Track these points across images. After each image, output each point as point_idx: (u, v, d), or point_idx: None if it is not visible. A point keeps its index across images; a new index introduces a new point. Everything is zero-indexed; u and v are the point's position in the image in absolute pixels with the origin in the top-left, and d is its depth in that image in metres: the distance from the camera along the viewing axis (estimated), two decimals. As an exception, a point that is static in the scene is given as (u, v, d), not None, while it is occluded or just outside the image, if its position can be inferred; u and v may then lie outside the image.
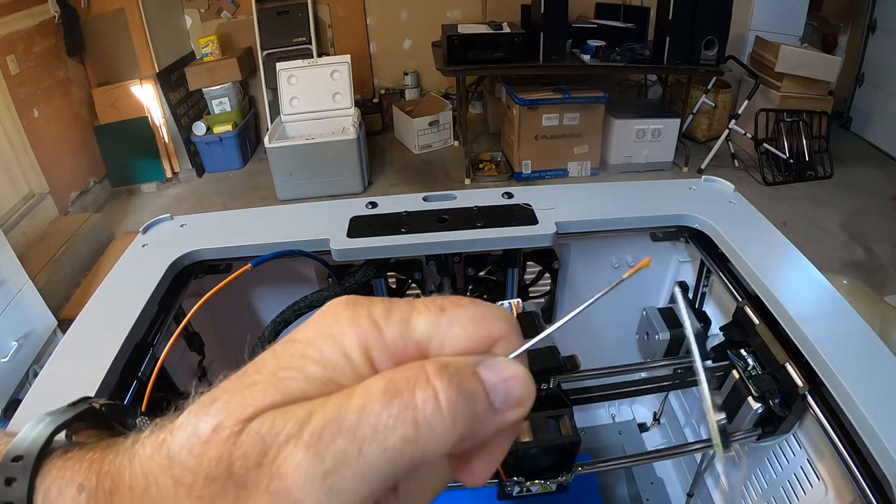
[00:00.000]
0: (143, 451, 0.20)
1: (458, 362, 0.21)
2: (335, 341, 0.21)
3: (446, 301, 0.23)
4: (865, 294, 1.95)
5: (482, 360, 0.21)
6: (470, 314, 0.23)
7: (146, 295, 0.86)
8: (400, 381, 0.19)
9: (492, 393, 0.21)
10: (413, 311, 0.22)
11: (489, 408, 0.21)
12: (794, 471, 0.84)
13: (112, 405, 0.28)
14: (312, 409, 0.19)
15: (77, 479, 0.21)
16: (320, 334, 0.21)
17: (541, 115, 3.49)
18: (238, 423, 0.19)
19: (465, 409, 0.20)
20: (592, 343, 1.26)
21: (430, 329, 0.22)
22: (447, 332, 0.22)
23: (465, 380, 0.20)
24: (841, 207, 3.37)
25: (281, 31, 4.13)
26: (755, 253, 0.91)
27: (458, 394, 0.20)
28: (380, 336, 0.21)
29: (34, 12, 3.25)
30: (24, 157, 3.08)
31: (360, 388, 0.19)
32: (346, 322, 0.21)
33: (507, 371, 0.21)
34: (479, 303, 0.23)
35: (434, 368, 0.20)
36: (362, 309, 0.22)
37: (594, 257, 1.20)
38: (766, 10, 3.95)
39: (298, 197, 3.51)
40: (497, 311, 0.23)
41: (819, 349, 0.71)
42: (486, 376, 0.21)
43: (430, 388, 0.19)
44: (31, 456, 0.22)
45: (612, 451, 1.37)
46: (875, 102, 4.19)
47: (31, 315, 2.20)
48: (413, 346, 0.21)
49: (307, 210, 1.08)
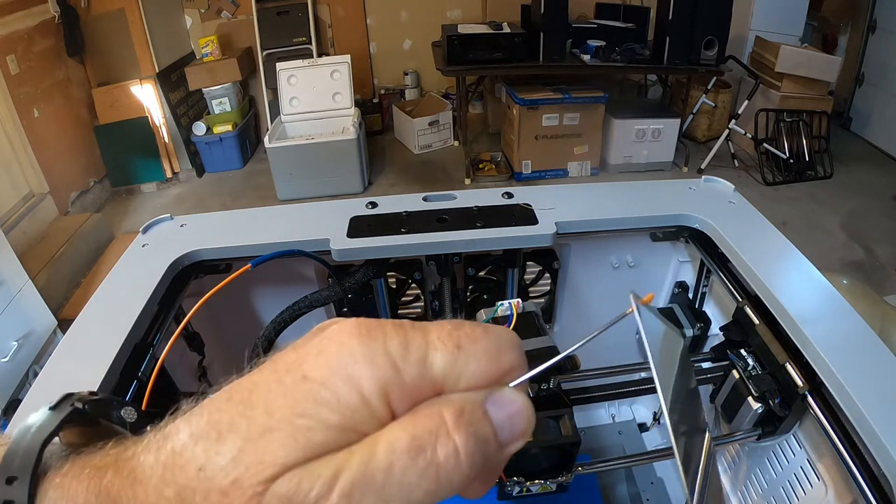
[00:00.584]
0: (145, 477, 0.20)
1: (471, 405, 0.21)
2: (352, 383, 0.20)
3: (461, 335, 0.22)
4: (865, 294, 1.95)
5: (489, 396, 0.22)
6: (486, 350, 0.22)
7: (146, 295, 0.86)
8: (422, 436, 0.20)
9: (499, 432, 0.21)
10: (429, 348, 0.22)
11: (497, 447, 0.22)
12: (794, 471, 0.84)
13: (95, 402, 0.27)
14: (339, 468, 0.19)
15: (77, 501, 0.21)
16: (335, 375, 0.20)
17: (541, 115, 3.49)
18: (261, 482, 0.19)
19: (478, 454, 0.21)
20: (592, 343, 1.26)
21: (446, 368, 0.21)
22: (463, 369, 0.22)
23: (479, 426, 0.21)
24: (841, 207, 3.37)
25: (281, 31, 4.13)
26: (755, 253, 0.90)
27: (473, 443, 0.20)
28: (398, 377, 0.21)
29: (34, 12, 3.25)
30: (24, 157, 3.08)
31: (384, 442, 0.20)
32: (363, 361, 0.20)
33: (513, 406, 0.22)
34: (492, 334, 0.23)
35: (452, 419, 0.20)
36: (378, 345, 0.21)
37: (594, 257, 1.20)
38: (766, 10, 3.95)
39: (298, 197, 3.51)
40: (509, 341, 0.23)
41: (819, 349, 0.71)
42: (494, 415, 0.21)
43: (450, 443, 0.20)
44: (26, 476, 0.21)
45: (612, 451, 1.37)
46: (875, 102, 4.19)
47: (31, 315, 2.20)
48: (429, 384, 0.21)
49: (307, 210, 1.08)
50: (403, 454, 0.19)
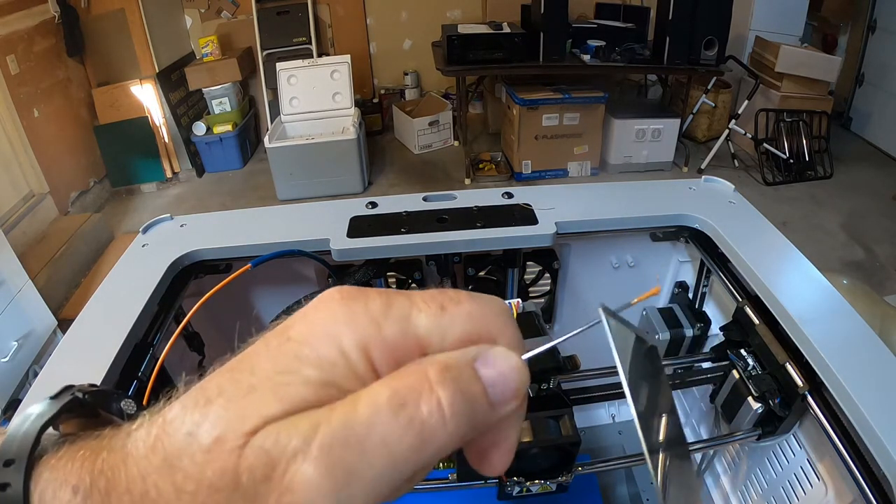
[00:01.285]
0: (137, 450, 0.20)
1: (458, 362, 0.21)
2: (332, 340, 0.20)
3: (445, 298, 0.22)
4: (865, 294, 1.95)
5: (479, 354, 0.21)
6: (469, 312, 0.22)
7: (146, 295, 0.86)
8: (404, 391, 0.19)
9: (490, 390, 0.21)
10: (413, 307, 0.22)
11: (488, 406, 0.21)
12: (794, 471, 0.84)
13: (95, 392, 0.27)
14: (318, 422, 0.19)
15: (71, 481, 0.21)
16: (316, 332, 0.21)
17: (541, 115, 3.49)
18: (241, 435, 0.19)
19: (467, 412, 0.20)
20: (592, 343, 1.26)
21: (430, 327, 0.21)
22: (447, 330, 0.22)
23: (466, 383, 0.20)
24: (841, 207, 3.37)
25: (281, 31, 4.13)
26: (755, 253, 0.90)
27: (460, 400, 0.20)
28: (378, 334, 0.21)
29: (34, 12, 3.25)
30: (24, 157, 3.08)
31: (365, 397, 0.19)
32: (343, 319, 0.21)
33: (504, 364, 0.21)
34: (477, 298, 0.23)
35: (436, 374, 0.20)
36: (359, 305, 0.21)
37: (594, 257, 1.20)
38: (766, 10, 3.95)
39: (298, 197, 3.50)
40: (494, 306, 0.23)
41: (819, 349, 0.71)
42: (483, 373, 0.21)
43: (433, 398, 0.19)
44: (23, 459, 0.21)
45: (612, 451, 1.37)
46: (875, 102, 4.19)
47: (31, 315, 2.20)
48: (413, 344, 0.21)
49: (307, 210, 1.08)
50: (384, 408, 0.19)
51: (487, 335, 0.22)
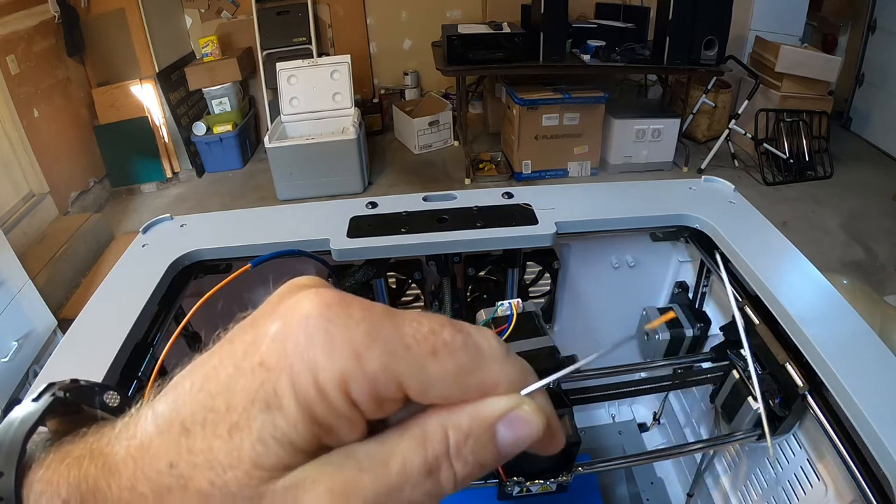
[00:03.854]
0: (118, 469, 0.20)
1: (479, 428, 0.21)
2: (309, 373, 0.19)
3: (438, 341, 0.20)
4: (865, 294, 1.95)
5: (504, 412, 0.21)
6: (461, 366, 0.21)
7: (146, 295, 0.86)
8: (432, 461, 0.20)
9: (501, 451, 0.21)
10: (399, 344, 0.20)
11: (494, 462, 0.22)
12: (794, 471, 0.84)
13: (76, 389, 0.27)
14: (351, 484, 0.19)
15: (61, 494, 0.21)
16: (292, 362, 0.19)
17: (541, 115, 3.49)
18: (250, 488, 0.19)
19: (474, 477, 0.21)
20: (592, 343, 1.26)
21: (414, 373, 0.20)
22: (434, 379, 0.20)
23: (482, 453, 0.21)
24: (841, 207, 3.37)
25: (281, 31, 4.13)
26: (755, 253, 0.90)
27: (472, 470, 0.21)
28: (359, 370, 0.19)
29: (34, 12, 3.25)
30: (24, 157, 3.08)
31: (396, 462, 0.20)
32: (321, 349, 0.19)
33: (525, 429, 0.21)
34: (473, 347, 0.21)
35: (455, 445, 0.21)
36: (339, 331, 0.20)
37: (594, 257, 1.20)
38: (766, 10, 3.95)
39: (298, 197, 3.50)
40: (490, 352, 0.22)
41: (819, 349, 0.71)
42: (502, 436, 0.21)
43: (451, 471, 0.20)
44: (11, 470, 0.21)
45: (612, 451, 1.37)
46: (875, 102, 4.19)
47: (31, 315, 2.20)
48: (394, 384, 0.20)
49: (307, 210, 1.08)
50: (414, 476, 0.20)
51: (480, 391, 0.21)
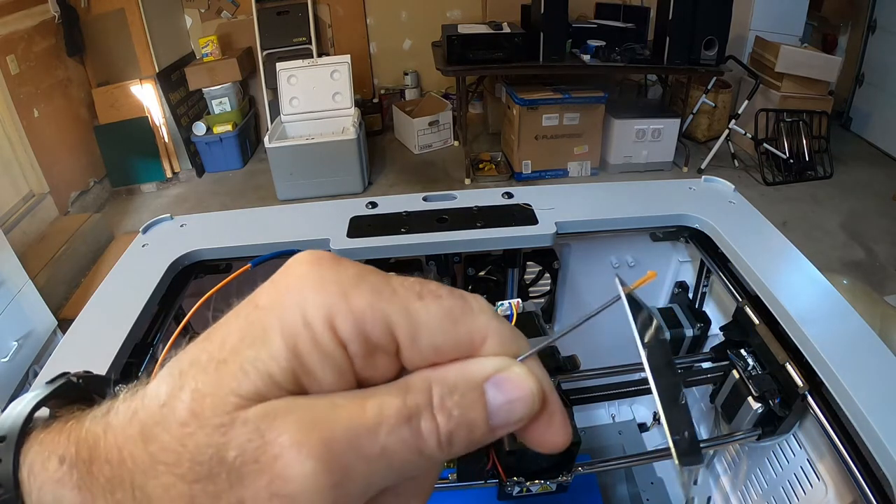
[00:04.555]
0: (116, 420, 0.20)
1: (466, 384, 0.20)
2: (297, 308, 0.20)
3: (424, 289, 0.21)
4: (865, 294, 1.95)
5: (493, 373, 0.21)
6: (448, 309, 0.21)
7: (146, 295, 0.86)
8: (411, 407, 0.20)
9: (493, 416, 0.21)
10: (386, 287, 0.21)
11: (487, 431, 0.21)
12: (794, 471, 0.84)
13: (90, 377, 0.27)
14: (320, 417, 0.19)
15: (58, 451, 0.21)
16: (282, 300, 0.20)
17: (541, 115, 3.49)
18: (223, 413, 0.19)
19: (462, 438, 0.20)
20: (592, 343, 1.26)
21: (401, 312, 0.20)
22: (423, 323, 0.20)
23: (468, 409, 0.20)
24: (841, 207, 3.37)
25: (281, 31, 4.13)
26: (755, 253, 0.90)
27: (458, 427, 0.20)
28: (345, 304, 0.20)
29: (34, 12, 3.25)
30: (24, 157, 3.08)
31: (373, 403, 0.19)
32: (311, 285, 0.20)
33: (516, 391, 0.21)
34: (459, 297, 0.22)
35: (439, 396, 0.20)
36: (329, 271, 0.21)
37: (594, 257, 1.20)
38: (766, 10, 3.95)
39: (298, 197, 3.50)
40: (477, 303, 0.22)
41: (819, 349, 0.71)
42: (491, 398, 0.21)
43: (433, 421, 0.20)
44: (14, 435, 0.22)
45: (612, 451, 1.37)
46: (875, 102, 4.19)
47: (31, 315, 2.20)
48: (381, 322, 0.20)
49: (307, 210, 1.08)
50: (391, 419, 0.19)
51: (468, 338, 0.21)
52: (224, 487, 0.18)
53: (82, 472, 0.20)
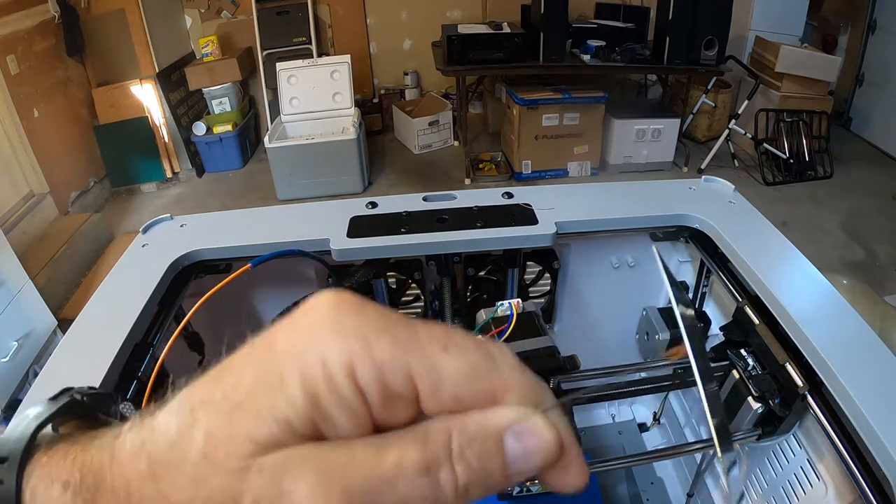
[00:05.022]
0: (122, 450, 0.20)
1: (485, 433, 0.20)
2: (316, 354, 0.19)
3: (451, 341, 0.21)
4: (865, 294, 1.95)
5: (512, 423, 0.20)
6: (473, 365, 0.21)
7: (146, 295, 0.86)
8: (430, 458, 0.19)
9: (510, 466, 0.20)
10: (410, 338, 0.20)
11: (503, 479, 0.21)
12: (794, 471, 0.84)
13: (94, 395, 0.27)
14: (338, 467, 0.19)
15: (62, 477, 0.21)
16: (301, 344, 0.20)
17: (541, 115, 3.49)
18: (240, 458, 0.19)
19: (479, 487, 0.20)
20: (592, 343, 1.26)
21: (424, 365, 0.20)
22: (446, 377, 0.20)
23: (487, 460, 0.20)
24: (841, 207, 3.37)
25: (281, 31, 4.13)
26: (755, 253, 0.90)
27: (476, 478, 0.20)
28: (368, 355, 0.19)
29: (34, 12, 3.25)
30: (24, 157, 3.08)
31: (392, 453, 0.19)
32: (331, 333, 0.20)
33: (534, 442, 0.20)
34: (486, 349, 0.21)
35: (458, 446, 0.20)
36: (351, 319, 0.20)
37: (594, 257, 1.20)
38: (766, 10, 3.95)
39: (298, 197, 3.50)
40: (503, 358, 0.22)
41: (819, 349, 0.71)
42: (509, 448, 0.20)
43: (452, 473, 0.19)
44: (16, 456, 0.22)
45: (612, 451, 1.37)
46: (875, 102, 4.19)
47: (31, 315, 2.20)
48: (402, 374, 0.20)
49: (307, 210, 1.08)
50: (410, 471, 0.19)
51: (490, 393, 0.21)
52: None
53: (86, 501, 0.20)
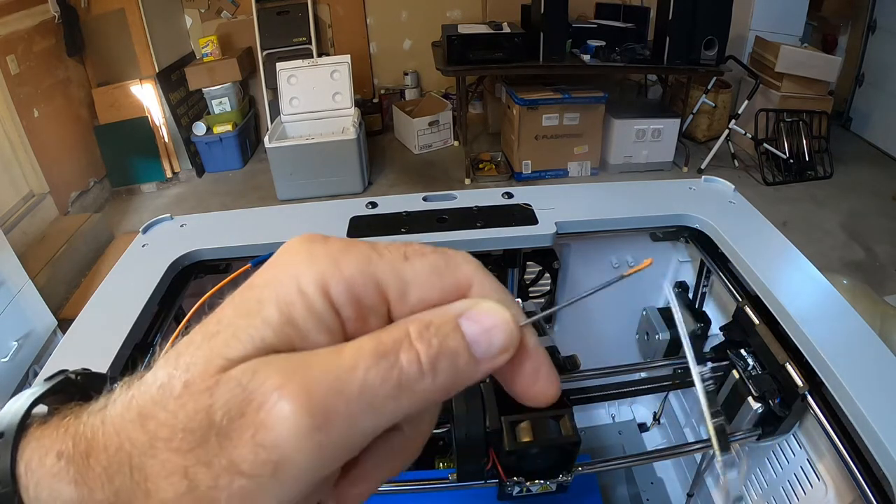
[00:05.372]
0: (114, 409, 0.20)
1: (440, 319, 0.21)
2: (291, 279, 0.21)
3: (409, 249, 0.22)
4: (865, 294, 1.95)
5: (465, 310, 0.21)
6: (433, 264, 0.22)
7: (146, 295, 0.86)
8: (387, 343, 0.20)
9: (473, 346, 0.21)
10: (373, 252, 0.22)
11: (471, 360, 0.21)
12: (794, 471, 0.84)
13: (88, 374, 0.28)
14: (299, 363, 0.19)
15: (55, 447, 0.21)
16: (276, 275, 0.21)
17: (541, 115, 3.49)
18: (210, 376, 0.19)
19: (446, 367, 0.20)
20: (592, 343, 1.26)
21: (389, 273, 0.21)
22: (409, 280, 0.22)
23: (446, 338, 0.21)
24: (841, 207, 3.37)
25: (281, 31, 4.13)
26: (755, 253, 0.91)
27: (438, 354, 0.20)
28: (337, 271, 0.21)
29: (34, 12, 3.25)
30: (24, 157, 3.08)
31: (350, 346, 0.20)
32: (303, 259, 0.21)
33: (489, 320, 0.21)
34: (443, 251, 0.23)
35: (416, 330, 0.20)
36: (319, 246, 0.22)
37: (594, 257, 1.20)
38: (766, 10, 3.95)
39: (298, 197, 3.50)
40: (460, 256, 0.23)
41: (819, 349, 0.71)
42: (467, 329, 0.21)
43: (412, 351, 0.20)
44: (11, 431, 0.22)
45: (612, 451, 1.37)
46: (875, 102, 4.19)
47: (31, 315, 2.20)
48: (372, 285, 0.21)
49: (307, 210, 1.08)
50: (367, 356, 0.19)
51: (455, 287, 0.22)
52: (214, 452, 0.18)
53: (80, 466, 0.20)
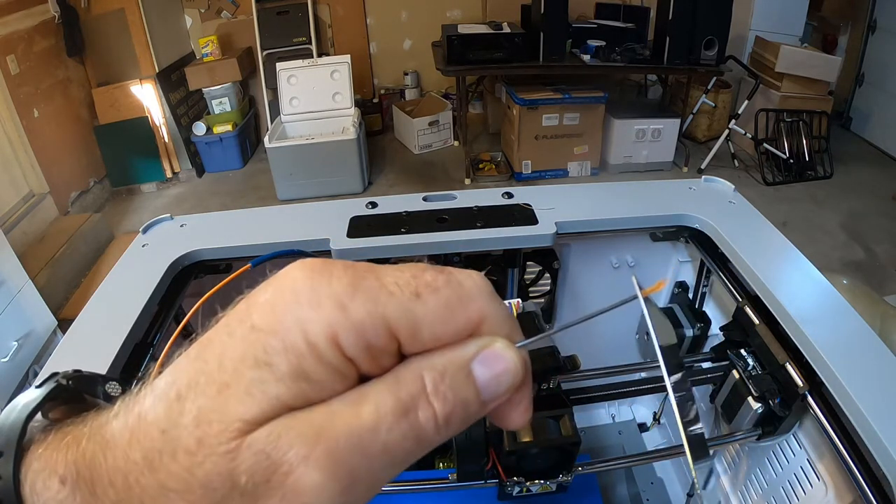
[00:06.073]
0: (115, 441, 0.20)
1: (454, 366, 0.21)
2: (298, 328, 0.20)
3: (420, 282, 0.21)
4: (865, 294, 1.95)
5: (477, 353, 0.21)
6: (446, 302, 0.21)
7: (146, 295, 0.86)
8: (405, 401, 0.20)
9: (483, 392, 0.21)
10: (382, 291, 0.21)
11: (480, 406, 0.22)
12: (794, 471, 0.84)
13: (79, 377, 0.27)
14: (321, 426, 0.19)
15: (58, 471, 0.21)
16: (280, 320, 0.20)
17: (541, 115, 3.49)
18: (230, 440, 0.19)
19: (459, 419, 0.21)
20: (592, 343, 1.26)
21: (400, 315, 0.21)
22: (422, 319, 0.21)
23: (460, 390, 0.21)
24: (841, 207, 3.37)
25: (281, 31, 4.13)
26: (755, 253, 0.90)
27: (453, 409, 0.21)
28: (346, 319, 0.20)
29: (34, 12, 3.25)
30: (24, 157, 3.08)
31: (368, 404, 0.20)
32: (308, 304, 0.20)
33: (500, 365, 0.22)
34: (456, 282, 0.22)
35: (432, 384, 0.20)
36: (323, 286, 0.20)
37: (594, 257, 1.20)
38: (766, 10, 3.95)
39: (298, 197, 3.50)
40: (473, 287, 0.22)
41: (819, 349, 0.71)
42: (478, 374, 0.21)
43: (430, 409, 0.20)
44: (11, 451, 0.22)
45: (612, 451, 1.37)
46: (875, 102, 4.19)
47: (31, 315, 2.20)
48: (383, 330, 0.20)
49: (307, 210, 1.08)
50: (388, 417, 0.20)
51: (468, 325, 0.22)
52: None
53: (85, 494, 0.20)
